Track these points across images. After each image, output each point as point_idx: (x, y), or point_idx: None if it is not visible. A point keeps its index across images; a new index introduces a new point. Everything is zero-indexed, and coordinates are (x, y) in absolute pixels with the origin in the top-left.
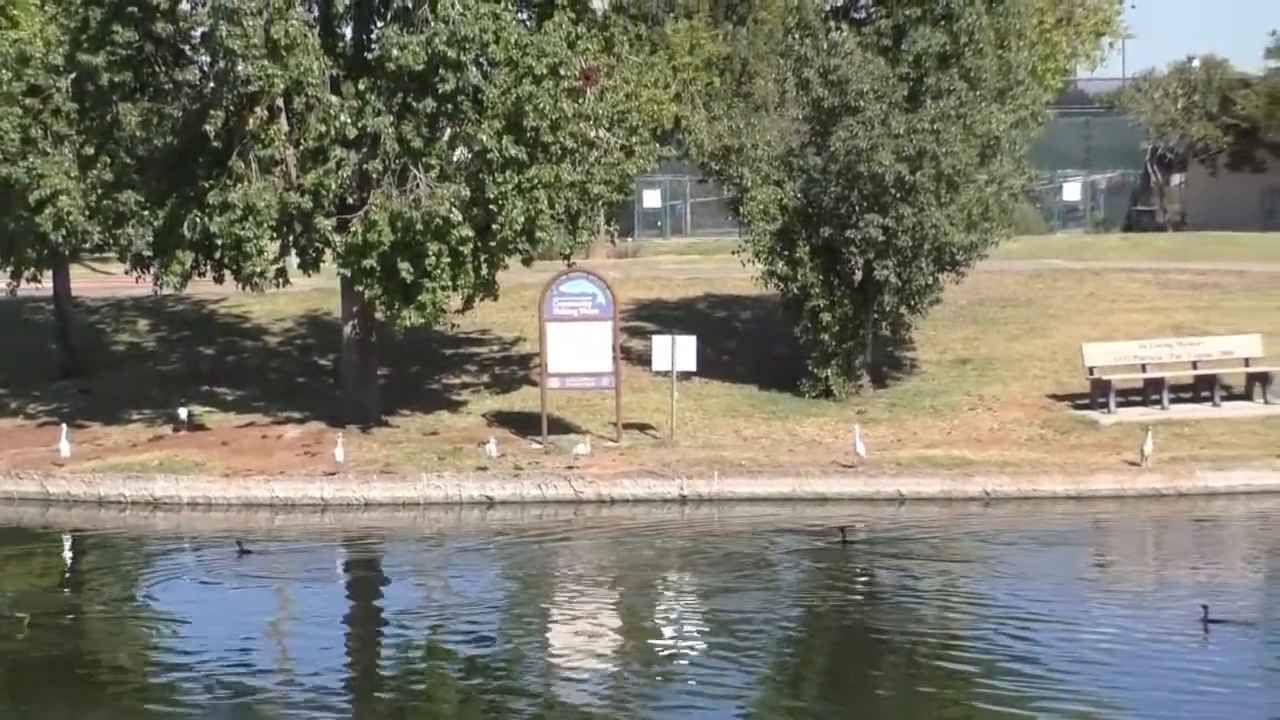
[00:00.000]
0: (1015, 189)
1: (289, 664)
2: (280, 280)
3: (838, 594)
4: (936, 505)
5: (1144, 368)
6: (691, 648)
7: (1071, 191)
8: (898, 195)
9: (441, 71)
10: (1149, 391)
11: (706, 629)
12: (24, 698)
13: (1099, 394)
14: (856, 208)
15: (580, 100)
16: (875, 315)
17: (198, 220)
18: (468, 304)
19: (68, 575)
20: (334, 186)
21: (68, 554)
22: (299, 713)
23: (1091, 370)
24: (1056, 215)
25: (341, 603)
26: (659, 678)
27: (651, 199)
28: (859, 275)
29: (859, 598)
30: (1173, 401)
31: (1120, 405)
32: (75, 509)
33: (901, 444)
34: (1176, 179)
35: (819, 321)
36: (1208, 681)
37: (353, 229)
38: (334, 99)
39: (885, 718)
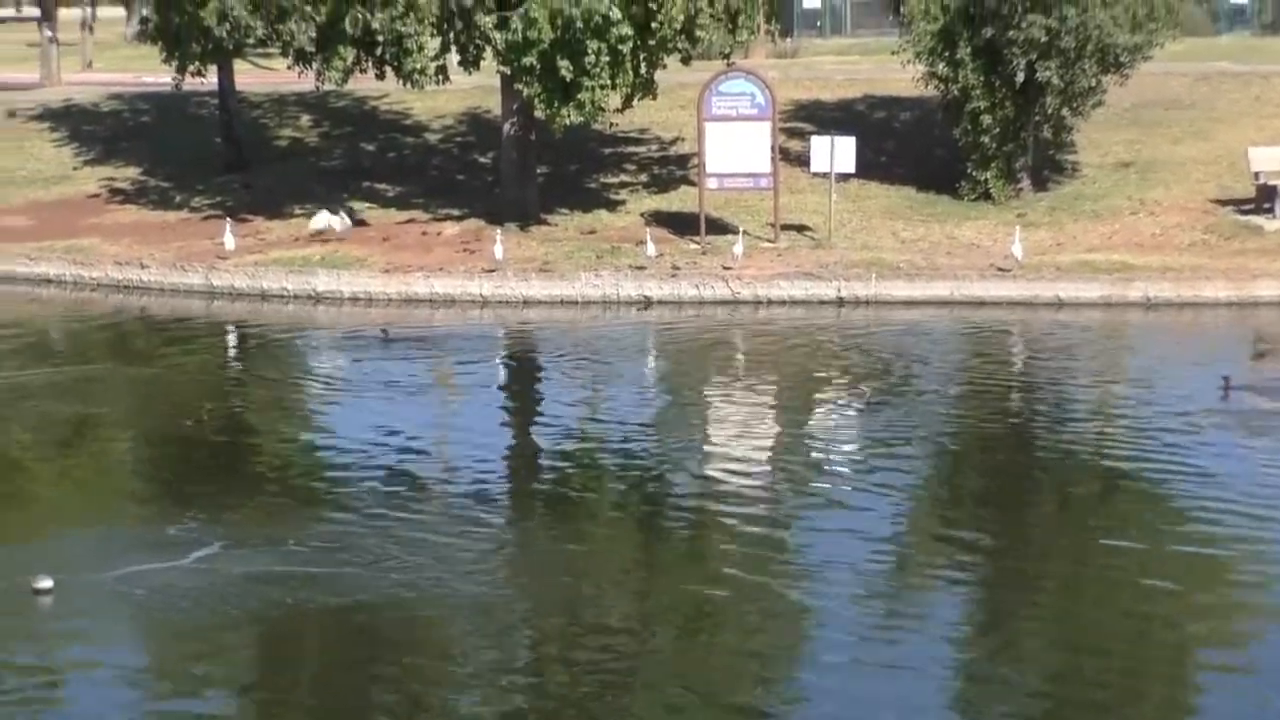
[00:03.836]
0: None
1: (448, 457)
2: (441, 77)
3: (992, 403)
4: (1096, 310)
5: None
6: (843, 460)
7: None
8: None
9: None
10: None
11: (859, 439)
12: (187, 478)
13: (1264, 199)
14: (1019, 7)
15: None
16: (1036, 117)
17: (359, 16)
18: (627, 103)
19: (232, 364)
20: None
21: (232, 344)
22: (456, 500)
23: (1257, 175)
24: (1223, 17)
25: (499, 397)
26: (811, 490)
27: None
28: (1021, 76)
29: (1012, 406)
30: None
31: None
32: (239, 302)
33: (1061, 248)
34: None
35: (979, 123)
36: None
37: (513, 26)
38: None
39: (1037, 538)
